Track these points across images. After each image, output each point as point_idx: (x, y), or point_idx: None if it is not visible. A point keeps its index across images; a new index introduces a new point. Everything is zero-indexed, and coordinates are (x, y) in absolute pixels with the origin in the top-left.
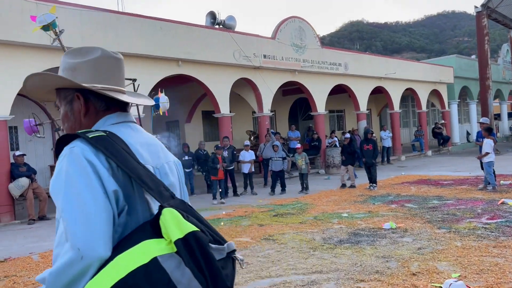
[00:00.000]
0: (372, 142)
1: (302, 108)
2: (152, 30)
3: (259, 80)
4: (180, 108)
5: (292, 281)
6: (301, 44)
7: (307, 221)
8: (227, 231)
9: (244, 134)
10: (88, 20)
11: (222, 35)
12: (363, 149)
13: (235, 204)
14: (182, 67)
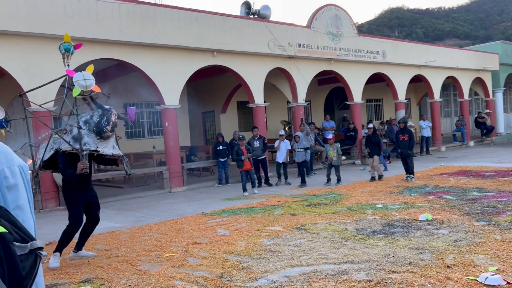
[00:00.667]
0: (408, 132)
1: (338, 98)
2: (188, 21)
3: (293, 69)
4: (216, 98)
5: (323, 270)
6: (337, 32)
7: (341, 212)
8: (260, 219)
9: (278, 124)
10: (126, 13)
11: (256, 25)
12: (399, 139)
13: (268, 193)
14: (217, 57)
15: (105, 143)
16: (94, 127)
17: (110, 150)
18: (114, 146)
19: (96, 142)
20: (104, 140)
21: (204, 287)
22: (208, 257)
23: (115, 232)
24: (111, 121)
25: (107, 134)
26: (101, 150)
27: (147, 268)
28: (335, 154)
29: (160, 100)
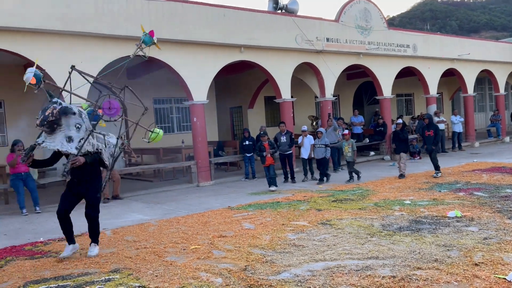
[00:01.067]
0: (434, 127)
1: (367, 92)
2: (216, 17)
3: (321, 64)
4: (243, 93)
5: (347, 265)
6: (366, 26)
7: (367, 207)
8: (285, 214)
9: (306, 119)
10: (155, 10)
11: (284, 20)
12: (424, 135)
13: (295, 188)
14: (245, 53)
15: (52, 137)
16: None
17: (56, 145)
18: (63, 143)
19: (46, 136)
20: (50, 135)
21: (228, 279)
22: (232, 250)
23: (144, 224)
24: (43, 115)
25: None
26: (46, 144)
27: (174, 260)
28: (350, 150)
29: (188, 95)
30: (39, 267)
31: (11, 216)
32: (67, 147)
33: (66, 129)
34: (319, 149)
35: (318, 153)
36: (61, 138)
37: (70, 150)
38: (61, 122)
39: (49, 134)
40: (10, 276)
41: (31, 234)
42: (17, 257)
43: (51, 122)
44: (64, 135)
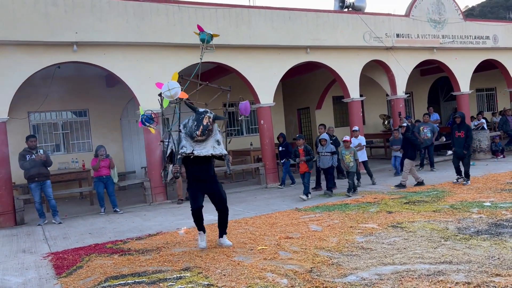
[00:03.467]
0: (465, 128)
1: (443, 89)
2: (282, 20)
3: (392, 61)
4: (310, 94)
5: (417, 269)
6: (439, 19)
7: (442, 210)
8: (354, 216)
9: (377, 118)
10: (222, 17)
11: (351, 18)
12: (454, 136)
13: (365, 190)
14: (311, 54)
15: (203, 145)
16: (188, 131)
17: (208, 151)
18: (215, 146)
19: (193, 145)
20: (200, 142)
21: (294, 280)
22: (299, 252)
23: (214, 224)
24: (202, 125)
25: (197, 138)
26: (197, 152)
27: (241, 260)
28: (352, 159)
29: (255, 99)
30: (118, 264)
31: (95, 216)
32: (219, 149)
33: (215, 133)
34: (324, 157)
35: (324, 162)
36: (212, 142)
37: (223, 152)
38: (213, 128)
39: (200, 142)
40: (93, 271)
41: (112, 233)
42: (99, 254)
43: (209, 130)
44: (214, 139)
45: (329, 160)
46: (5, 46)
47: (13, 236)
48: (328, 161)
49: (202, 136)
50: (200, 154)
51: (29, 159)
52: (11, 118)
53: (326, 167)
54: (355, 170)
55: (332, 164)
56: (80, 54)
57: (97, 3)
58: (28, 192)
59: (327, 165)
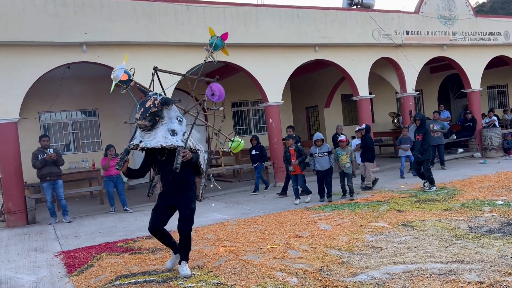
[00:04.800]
0: (423, 131)
1: (454, 86)
2: (289, 18)
3: (401, 58)
4: (319, 93)
5: (428, 269)
6: (449, 15)
7: (453, 208)
8: (363, 215)
9: (386, 116)
10: (230, 16)
11: (359, 16)
12: (415, 139)
13: (374, 188)
14: (319, 52)
15: (152, 134)
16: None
17: (158, 142)
18: (167, 137)
19: (142, 135)
20: (149, 131)
21: (304, 279)
22: (308, 251)
23: (224, 223)
24: (143, 107)
25: (137, 123)
26: (145, 143)
27: (251, 258)
28: (348, 160)
29: (263, 97)
30: (129, 262)
31: (105, 215)
32: (172, 140)
33: (168, 121)
34: (322, 158)
35: (323, 164)
36: (164, 132)
37: (176, 143)
38: (163, 114)
39: (148, 130)
40: (104, 270)
41: (122, 232)
42: (110, 253)
43: (153, 114)
44: (167, 128)
45: (328, 161)
46: (16, 46)
47: (25, 235)
48: (326, 163)
49: (142, 120)
50: (147, 145)
51: (41, 158)
52: (22, 118)
53: (325, 168)
54: (351, 171)
55: (331, 165)
56: (89, 54)
57: (106, 3)
58: (39, 191)
59: (326, 166)
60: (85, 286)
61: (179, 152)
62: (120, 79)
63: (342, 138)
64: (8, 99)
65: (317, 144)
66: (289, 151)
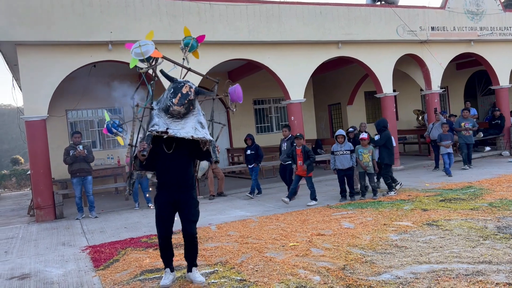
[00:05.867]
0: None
1: (481, 82)
2: (312, 15)
3: (426, 55)
4: (342, 90)
5: (454, 269)
6: (477, 10)
7: (480, 208)
8: (387, 214)
9: (411, 114)
10: (253, 14)
11: (383, 12)
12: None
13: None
14: (342, 49)
15: (181, 123)
16: (163, 104)
17: (188, 132)
18: (197, 128)
19: (168, 123)
20: (178, 120)
21: (326, 278)
22: (331, 249)
23: (246, 220)
24: (180, 93)
25: (173, 109)
26: (173, 131)
27: (273, 256)
28: (371, 158)
29: (285, 95)
30: (153, 258)
31: (130, 211)
32: (203, 133)
33: (198, 113)
34: (343, 156)
35: (344, 162)
36: (194, 123)
37: (207, 137)
38: (195, 104)
39: (176, 118)
40: (129, 265)
41: (146, 227)
42: (135, 248)
43: (190, 102)
44: (197, 120)
45: (350, 160)
46: (44, 46)
47: (53, 230)
48: (349, 161)
49: (180, 107)
50: (177, 134)
51: (72, 154)
52: (50, 116)
53: (346, 167)
54: (373, 171)
55: (353, 165)
56: (115, 53)
57: (131, 2)
58: (67, 187)
59: (347, 165)
60: (111, 280)
61: (214, 146)
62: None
63: (364, 135)
64: (37, 98)
65: (338, 140)
66: (296, 150)
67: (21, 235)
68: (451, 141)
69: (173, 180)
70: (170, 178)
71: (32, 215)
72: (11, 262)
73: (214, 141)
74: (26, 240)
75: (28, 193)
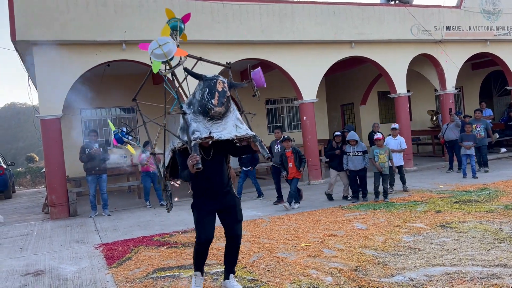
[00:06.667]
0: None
1: (497, 83)
2: (326, 15)
3: (441, 55)
4: (355, 90)
5: (469, 272)
6: (493, 9)
7: (496, 210)
8: (400, 215)
9: (424, 114)
10: (266, 13)
11: (397, 11)
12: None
13: (411, 188)
14: (355, 48)
15: (222, 124)
16: (198, 107)
17: (231, 132)
18: (238, 126)
19: (208, 126)
20: (218, 121)
21: (338, 279)
22: (343, 250)
23: (258, 220)
24: (217, 91)
25: (215, 110)
26: (217, 135)
27: (285, 256)
28: (387, 159)
29: (298, 95)
30: (165, 256)
31: (142, 210)
32: (244, 130)
33: (234, 109)
34: (356, 157)
35: (356, 164)
36: (234, 120)
37: (249, 133)
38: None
39: (217, 121)
40: (141, 263)
41: (159, 226)
42: (147, 246)
43: (228, 99)
44: (235, 116)
45: (362, 161)
46: (59, 46)
47: (67, 227)
48: (361, 162)
49: (221, 107)
50: (222, 137)
51: (88, 152)
52: (65, 115)
53: (358, 168)
54: (388, 172)
55: (365, 166)
56: (128, 53)
57: (145, 2)
58: (81, 185)
59: (360, 166)
60: (123, 277)
61: (260, 142)
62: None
63: (379, 136)
64: (52, 97)
65: (351, 143)
66: (286, 153)
67: (35, 232)
68: (473, 143)
69: (216, 187)
70: (212, 186)
71: (47, 212)
72: (26, 259)
73: (258, 136)
74: (40, 237)
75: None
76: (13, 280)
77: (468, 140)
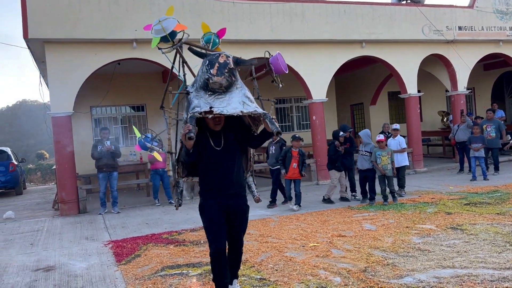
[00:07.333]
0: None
1: (509, 84)
2: (336, 14)
3: (452, 55)
4: (365, 90)
5: (479, 274)
6: (507, 9)
7: (507, 212)
8: (410, 216)
9: (435, 115)
10: (276, 12)
11: (409, 11)
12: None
13: (421, 189)
14: (366, 48)
15: (225, 99)
16: (199, 82)
17: (236, 108)
18: (245, 102)
19: (210, 101)
20: (221, 95)
21: (347, 279)
22: (352, 250)
23: (266, 219)
24: (217, 63)
25: (214, 80)
26: (219, 109)
27: (293, 256)
28: (389, 161)
29: (307, 94)
30: (174, 254)
31: (151, 207)
32: (253, 106)
33: (242, 86)
34: (362, 157)
35: (363, 163)
36: (241, 97)
37: (258, 110)
38: (237, 75)
39: (219, 94)
40: (150, 260)
41: (167, 224)
42: (156, 244)
43: (230, 71)
44: (243, 93)
45: (368, 161)
46: (70, 43)
47: (77, 224)
48: (367, 162)
49: (221, 77)
50: (224, 112)
51: (99, 149)
52: (76, 112)
53: (365, 168)
54: (391, 174)
55: (371, 167)
56: (139, 51)
57: (156, 0)
58: (90, 182)
59: (366, 166)
60: (132, 275)
61: (271, 118)
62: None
63: (381, 137)
64: (63, 94)
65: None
66: (292, 152)
67: (46, 228)
68: (482, 144)
69: (224, 183)
70: (219, 181)
71: (57, 209)
72: (37, 254)
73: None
74: (51, 233)
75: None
76: (23, 275)
77: (476, 142)
